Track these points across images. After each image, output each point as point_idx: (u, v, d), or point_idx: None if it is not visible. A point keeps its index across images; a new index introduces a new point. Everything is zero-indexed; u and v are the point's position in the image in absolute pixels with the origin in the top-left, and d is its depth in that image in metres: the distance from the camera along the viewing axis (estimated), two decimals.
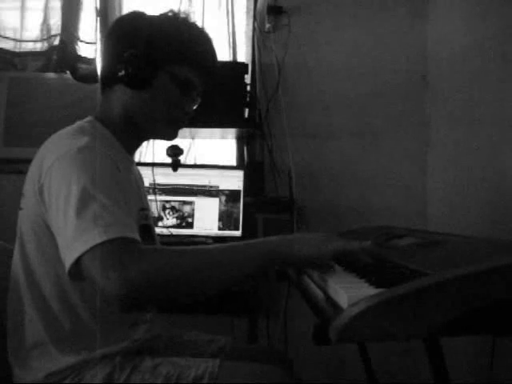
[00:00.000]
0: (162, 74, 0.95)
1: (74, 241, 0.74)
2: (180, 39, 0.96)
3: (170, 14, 0.98)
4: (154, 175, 1.55)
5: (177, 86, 0.96)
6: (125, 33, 0.96)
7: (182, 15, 0.99)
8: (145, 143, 1.12)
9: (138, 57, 0.92)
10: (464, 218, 1.67)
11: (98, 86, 1.03)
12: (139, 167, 1.19)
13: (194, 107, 1.04)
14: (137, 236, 0.78)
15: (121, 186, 0.86)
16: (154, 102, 0.96)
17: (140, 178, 1.15)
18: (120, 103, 0.97)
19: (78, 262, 0.74)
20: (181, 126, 1.03)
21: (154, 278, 0.72)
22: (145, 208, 1.07)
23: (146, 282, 0.72)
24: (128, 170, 1.02)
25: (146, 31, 0.94)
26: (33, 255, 0.88)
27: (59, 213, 0.78)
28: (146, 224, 1.05)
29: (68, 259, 0.75)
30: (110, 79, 0.98)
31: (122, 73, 0.92)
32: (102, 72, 1.00)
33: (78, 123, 0.95)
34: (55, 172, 0.81)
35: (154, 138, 1.11)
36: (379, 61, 2.05)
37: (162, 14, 0.99)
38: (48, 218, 0.83)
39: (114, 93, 0.97)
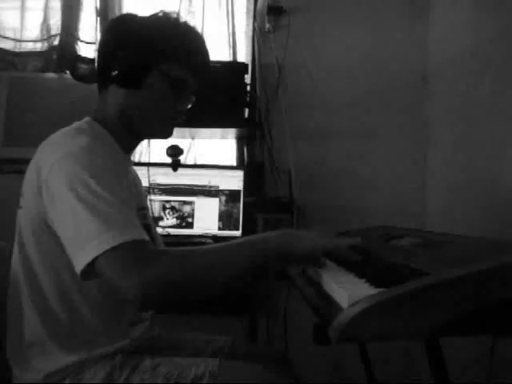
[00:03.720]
0: (154, 73, 0.96)
1: (88, 241, 0.74)
2: (169, 38, 0.97)
3: (160, 14, 0.99)
4: (149, 176, 1.54)
5: (168, 84, 0.97)
6: (116, 34, 0.97)
7: (173, 15, 1.00)
8: (145, 143, 1.12)
9: (128, 57, 0.93)
10: (464, 218, 1.67)
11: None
12: (138, 167, 1.19)
13: (189, 106, 1.04)
14: (147, 237, 0.79)
15: (123, 186, 0.86)
16: (146, 100, 0.97)
17: (137, 178, 1.16)
18: (115, 103, 0.98)
19: (91, 262, 0.74)
20: (175, 125, 1.04)
21: (169, 279, 0.74)
22: (144, 207, 1.08)
23: (162, 284, 0.73)
24: (126, 170, 1.03)
25: (136, 32, 0.96)
26: (32, 253, 0.88)
27: (66, 213, 0.78)
28: (146, 223, 1.05)
29: (81, 260, 0.75)
30: (104, 80, 0.99)
31: (115, 73, 0.94)
32: (98, 73, 1.02)
33: (76, 124, 0.96)
34: (58, 171, 0.81)
35: (149, 137, 1.12)
36: (379, 61, 2.05)
37: (152, 15, 1.00)
38: (49, 217, 0.83)
39: (109, 93, 0.99)
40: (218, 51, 1.98)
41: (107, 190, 0.79)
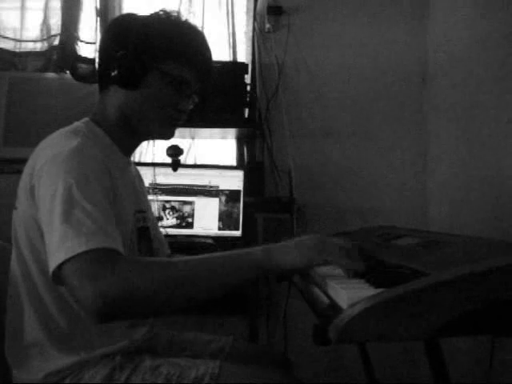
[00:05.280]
0: (153, 73, 0.94)
1: (58, 246, 0.73)
2: (169, 37, 0.95)
3: (161, 13, 0.98)
4: (154, 175, 1.55)
5: (169, 83, 0.95)
6: (116, 34, 0.96)
7: (174, 14, 0.98)
8: (145, 143, 1.11)
9: (127, 57, 0.92)
10: (464, 218, 1.67)
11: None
12: (139, 167, 1.19)
13: (190, 105, 1.02)
14: (119, 246, 0.76)
15: (108, 191, 0.84)
16: (146, 101, 0.96)
17: (139, 179, 1.15)
18: (114, 104, 0.97)
19: (59, 267, 0.72)
20: (176, 125, 1.02)
21: (128, 292, 0.70)
22: (142, 210, 1.06)
23: (121, 295, 0.70)
24: (123, 172, 1.00)
25: (136, 31, 0.94)
26: (26, 255, 0.88)
27: (45, 216, 0.78)
28: (143, 226, 1.04)
29: (51, 264, 0.74)
30: (104, 80, 0.98)
31: (115, 73, 0.93)
32: (98, 73, 1.01)
33: (74, 124, 0.95)
34: (45, 174, 0.81)
35: (150, 138, 1.10)
36: (379, 61, 2.05)
37: (152, 14, 0.98)
38: (38, 218, 0.83)
39: (109, 93, 0.98)
40: (218, 51, 1.98)
41: (87, 197, 0.77)
